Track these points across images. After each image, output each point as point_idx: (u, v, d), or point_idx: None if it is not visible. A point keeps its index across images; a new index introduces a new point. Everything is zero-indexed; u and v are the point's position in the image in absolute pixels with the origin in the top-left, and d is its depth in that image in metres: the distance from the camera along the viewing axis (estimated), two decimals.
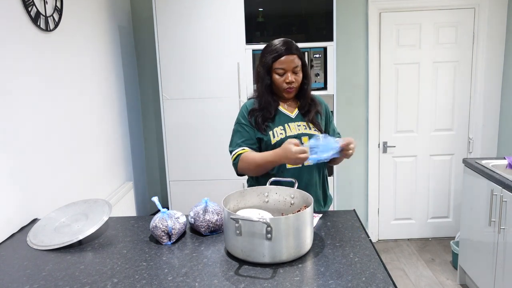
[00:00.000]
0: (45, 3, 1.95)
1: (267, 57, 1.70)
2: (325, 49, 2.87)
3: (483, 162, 2.61)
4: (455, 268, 3.06)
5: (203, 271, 1.27)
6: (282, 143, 1.65)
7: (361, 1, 3.27)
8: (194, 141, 2.96)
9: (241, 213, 1.40)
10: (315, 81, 2.89)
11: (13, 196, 1.67)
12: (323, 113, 1.83)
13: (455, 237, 3.31)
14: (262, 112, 1.73)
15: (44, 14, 1.93)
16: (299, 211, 1.40)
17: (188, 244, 1.46)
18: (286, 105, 1.79)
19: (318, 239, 1.44)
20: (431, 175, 3.51)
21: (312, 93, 1.82)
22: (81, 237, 1.49)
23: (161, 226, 1.45)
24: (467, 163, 2.69)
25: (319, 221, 1.60)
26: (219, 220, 1.52)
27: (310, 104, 1.78)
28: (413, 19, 3.27)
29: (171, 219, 1.47)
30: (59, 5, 2.08)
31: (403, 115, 3.43)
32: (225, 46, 2.85)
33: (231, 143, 1.78)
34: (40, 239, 1.52)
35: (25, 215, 1.74)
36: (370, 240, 1.44)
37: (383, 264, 1.27)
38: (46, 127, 1.93)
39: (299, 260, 1.30)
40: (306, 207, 1.43)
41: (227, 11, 2.81)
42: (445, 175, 3.52)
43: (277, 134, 1.72)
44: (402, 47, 3.32)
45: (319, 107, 1.81)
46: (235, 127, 1.79)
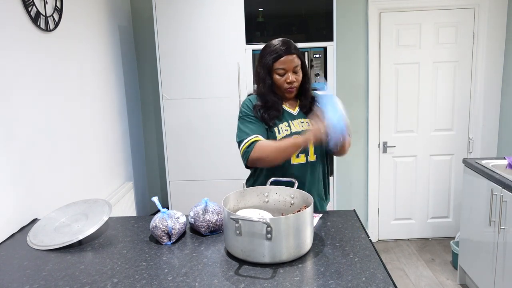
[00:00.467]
0: (45, 3, 1.95)
1: (267, 57, 1.69)
2: (325, 49, 2.87)
3: (483, 162, 2.61)
4: (455, 268, 3.06)
5: (203, 271, 1.27)
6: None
7: (361, 1, 3.27)
8: (194, 141, 2.96)
9: (241, 213, 1.40)
10: (315, 81, 2.89)
11: (13, 196, 1.67)
12: None
13: (455, 237, 3.31)
14: (269, 110, 1.72)
15: (44, 14, 1.93)
16: (299, 211, 1.40)
17: (188, 244, 1.46)
18: (287, 103, 1.80)
19: (318, 239, 1.44)
20: (431, 175, 3.51)
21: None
22: (81, 237, 1.49)
23: (161, 226, 1.45)
24: (467, 163, 2.69)
25: (319, 221, 1.61)
26: (219, 220, 1.52)
27: (311, 102, 1.80)
28: (413, 19, 3.27)
29: (171, 219, 1.47)
30: (59, 5, 2.08)
31: (403, 115, 3.43)
32: (225, 46, 2.85)
33: (240, 134, 1.72)
34: (40, 239, 1.52)
35: (25, 215, 1.74)
36: (370, 240, 1.44)
37: (383, 264, 1.27)
38: (46, 127, 1.93)
39: (299, 260, 1.30)
40: (306, 207, 1.43)
41: (227, 11, 2.81)
42: (445, 175, 3.52)
43: (283, 130, 1.73)
44: (402, 47, 3.32)
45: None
46: (242, 120, 1.74)
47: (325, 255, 1.33)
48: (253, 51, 2.84)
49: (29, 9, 1.81)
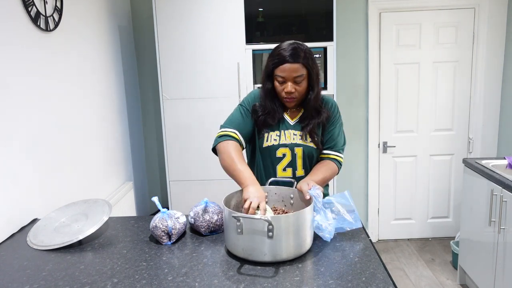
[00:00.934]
0: (45, 3, 1.95)
1: (269, 61, 1.61)
2: (325, 49, 2.87)
3: (483, 162, 2.61)
4: (455, 268, 3.06)
5: (203, 271, 1.26)
6: (272, 149, 1.67)
7: (361, 1, 3.27)
8: (194, 141, 2.96)
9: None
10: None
11: (13, 196, 1.67)
12: (330, 119, 1.71)
13: (455, 237, 3.31)
14: (264, 117, 1.66)
15: (44, 14, 1.93)
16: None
17: (188, 244, 1.46)
18: (289, 110, 1.71)
19: (318, 239, 1.44)
20: (431, 175, 3.51)
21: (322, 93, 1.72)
22: (81, 237, 1.49)
23: (161, 226, 1.45)
24: (467, 163, 2.69)
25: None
26: (219, 220, 1.52)
27: (313, 115, 1.67)
28: (413, 19, 3.27)
29: (171, 219, 1.47)
30: (59, 5, 2.08)
31: (403, 115, 3.42)
32: (225, 46, 2.85)
33: (227, 119, 1.69)
34: (40, 239, 1.52)
35: (25, 215, 1.74)
36: (370, 240, 1.44)
37: (383, 264, 1.27)
38: (46, 127, 1.93)
39: (299, 260, 1.30)
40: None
41: (227, 11, 2.81)
42: (445, 175, 3.52)
43: (271, 139, 1.67)
44: (402, 47, 3.32)
45: (324, 115, 1.68)
46: (238, 107, 1.72)
47: (325, 255, 1.33)
48: (253, 51, 2.84)
49: (29, 9, 1.81)
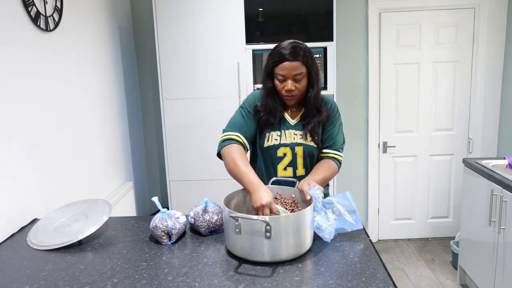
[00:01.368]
0: (45, 3, 1.95)
1: (269, 59, 1.62)
2: (325, 49, 2.87)
3: (483, 162, 2.61)
4: (455, 268, 3.06)
5: (203, 271, 1.27)
6: (272, 149, 1.68)
7: (361, 1, 3.27)
8: (194, 141, 2.96)
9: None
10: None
11: (13, 196, 1.67)
12: (330, 118, 1.71)
13: (455, 237, 3.31)
14: (266, 116, 1.67)
15: (44, 14, 1.93)
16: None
17: (188, 244, 1.46)
18: (289, 110, 1.72)
19: (318, 239, 1.44)
20: (431, 175, 3.51)
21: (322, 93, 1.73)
22: (81, 237, 1.49)
23: (161, 226, 1.45)
24: (467, 163, 2.69)
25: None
26: (219, 220, 1.52)
27: (314, 114, 1.68)
28: (413, 19, 3.27)
29: (171, 219, 1.47)
30: (59, 5, 2.08)
31: (403, 115, 3.42)
32: (225, 46, 2.85)
33: (228, 123, 1.71)
34: (40, 239, 1.52)
35: (25, 215, 1.74)
36: (370, 240, 1.44)
37: (383, 264, 1.27)
38: (46, 127, 1.93)
39: (299, 259, 1.30)
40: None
41: (227, 11, 2.81)
42: (445, 175, 3.52)
43: (272, 139, 1.69)
44: (402, 47, 3.32)
45: (324, 114, 1.69)
46: (239, 109, 1.73)
47: (325, 255, 1.33)
48: (253, 51, 2.84)
49: (29, 9, 1.81)
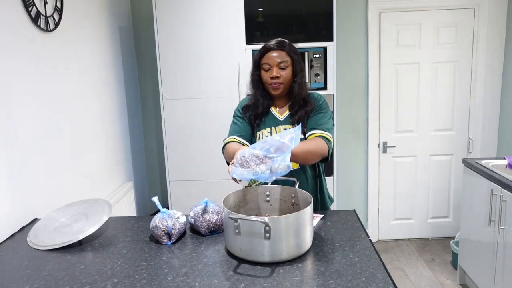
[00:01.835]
0: (45, 3, 1.95)
1: (257, 53, 1.74)
2: (325, 49, 2.87)
3: (483, 162, 2.61)
4: (455, 268, 3.06)
5: (203, 271, 1.27)
6: None
7: (361, 1, 3.27)
8: (194, 141, 2.96)
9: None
10: (315, 81, 2.89)
11: (13, 196, 1.67)
12: (314, 109, 1.72)
13: (455, 237, 3.31)
14: (254, 110, 1.76)
15: (44, 14, 1.93)
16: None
17: (188, 244, 1.46)
18: (278, 108, 1.78)
19: (318, 239, 1.44)
20: (431, 175, 3.51)
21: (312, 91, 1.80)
22: (81, 237, 1.49)
23: (161, 226, 1.45)
24: (467, 163, 2.69)
25: (319, 221, 1.60)
26: (219, 220, 1.52)
27: (300, 105, 1.72)
28: (413, 19, 3.27)
29: (171, 219, 1.47)
30: (59, 5, 2.08)
31: (403, 115, 3.42)
32: (225, 46, 2.85)
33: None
34: (40, 239, 1.52)
35: (25, 215, 1.74)
36: (370, 240, 1.44)
37: (383, 264, 1.27)
38: (46, 127, 1.93)
39: (299, 259, 1.30)
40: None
41: (227, 11, 2.81)
42: (445, 175, 3.52)
43: (263, 136, 1.74)
44: (402, 47, 3.32)
45: (310, 106, 1.72)
46: (232, 120, 1.84)
47: (325, 255, 1.33)
48: (253, 51, 2.84)
49: (29, 9, 1.81)
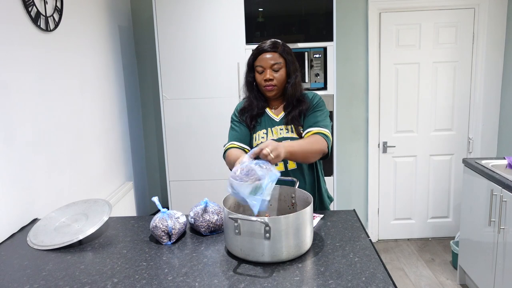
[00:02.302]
0: (45, 3, 1.95)
1: (250, 56, 1.73)
2: (325, 49, 2.87)
3: (483, 162, 2.61)
4: (455, 268, 3.06)
5: (203, 271, 1.27)
6: None
7: (361, 1, 3.27)
8: (194, 141, 2.96)
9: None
10: (315, 81, 2.89)
11: (13, 196, 1.67)
12: (310, 108, 1.72)
13: (455, 237, 3.31)
14: (249, 111, 1.76)
15: (44, 14, 1.93)
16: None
17: (188, 244, 1.46)
18: (273, 109, 1.78)
19: (318, 239, 1.44)
20: (431, 175, 3.51)
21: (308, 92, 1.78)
22: (81, 237, 1.49)
23: (161, 226, 1.45)
24: (467, 163, 2.69)
25: (319, 221, 1.60)
26: (219, 220, 1.52)
27: (294, 105, 1.71)
28: (413, 19, 3.27)
29: (171, 219, 1.47)
30: (59, 5, 2.08)
31: (403, 115, 3.43)
32: (225, 46, 2.85)
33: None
34: (40, 239, 1.52)
35: (25, 215, 1.74)
36: (370, 240, 1.44)
37: (383, 264, 1.27)
38: (46, 127, 1.93)
39: (299, 259, 1.30)
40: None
41: (227, 11, 2.81)
42: (445, 175, 3.52)
43: (259, 137, 1.74)
44: (402, 47, 3.32)
45: (304, 106, 1.71)
46: (230, 125, 1.83)
47: (325, 255, 1.33)
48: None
49: (29, 9, 1.81)
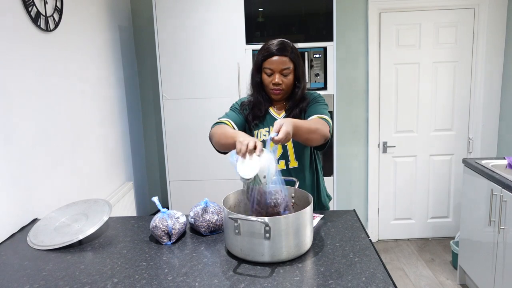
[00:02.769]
0: (45, 3, 1.95)
1: (259, 55, 1.71)
2: (325, 49, 2.87)
3: (483, 162, 2.61)
4: (455, 268, 3.06)
5: (203, 271, 1.27)
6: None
7: (361, 1, 3.27)
8: (194, 141, 2.96)
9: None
10: (315, 81, 2.89)
11: (13, 196, 1.67)
12: (310, 103, 1.73)
13: (455, 237, 3.31)
14: (252, 110, 1.74)
15: (44, 14, 1.93)
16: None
17: (188, 244, 1.46)
18: (275, 107, 1.78)
19: (318, 239, 1.44)
20: (431, 175, 3.51)
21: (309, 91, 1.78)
22: (81, 237, 1.49)
23: (161, 226, 1.45)
24: (467, 163, 2.69)
25: (319, 221, 1.60)
26: (219, 220, 1.52)
27: (297, 104, 1.72)
28: (413, 19, 3.27)
29: (171, 219, 1.47)
30: (59, 5, 2.08)
31: (403, 115, 3.43)
32: (225, 46, 2.85)
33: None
34: (40, 239, 1.52)
35: (25, 215, 1.74)
36: (370, 240, 1.44)
37: (383, 264, 1.27)
38: (46, 127, 1.93)
39: (299, 259, 1.30)
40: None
41: (227, 11, 2.81)
42: (445, 175, 3.52)
43: (261, 135, 1.73)
44: (402, 47, 3.32)
45: (305, 103, 1.72)
46: (229, 109, 1.81)
47: (325, 255, 1.33)
48: (253, 51, 2.84)
49: (29, 9, 1.81)
